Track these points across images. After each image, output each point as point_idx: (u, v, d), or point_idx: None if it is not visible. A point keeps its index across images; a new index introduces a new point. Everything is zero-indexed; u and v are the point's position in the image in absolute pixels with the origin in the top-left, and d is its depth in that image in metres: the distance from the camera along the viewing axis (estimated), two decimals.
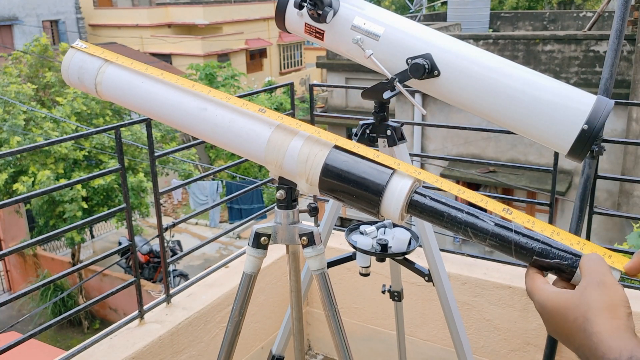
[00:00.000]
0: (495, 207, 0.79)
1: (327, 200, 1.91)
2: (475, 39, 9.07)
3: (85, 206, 9.46)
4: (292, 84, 2.90)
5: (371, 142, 1.59)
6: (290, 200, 1.12)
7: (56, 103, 10.41)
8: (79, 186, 9.25)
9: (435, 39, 1.27)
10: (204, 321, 2.31)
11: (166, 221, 2.25)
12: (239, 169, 14.84)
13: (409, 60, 1.25)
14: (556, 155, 2.19)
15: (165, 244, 4.29)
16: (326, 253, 1.23)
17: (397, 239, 1.66)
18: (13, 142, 9.11)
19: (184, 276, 10.87)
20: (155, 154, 2.18)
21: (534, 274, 0.75)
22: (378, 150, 0.95)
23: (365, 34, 1.27)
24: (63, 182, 2.00)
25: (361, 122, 1.59)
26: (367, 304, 2.79)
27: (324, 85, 8.11)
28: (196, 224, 15.17)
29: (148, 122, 2.07)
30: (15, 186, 9.03)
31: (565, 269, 0.75)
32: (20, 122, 9.27)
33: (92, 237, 14.07)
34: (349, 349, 1.18)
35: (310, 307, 2.98)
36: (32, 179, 9.18)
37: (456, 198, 0.87)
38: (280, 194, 1.10)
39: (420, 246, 1.72)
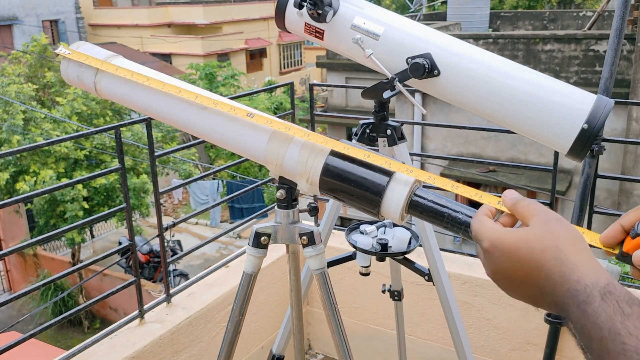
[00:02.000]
0: (491, 200, 0.78)
1: (328, 200, 1.91)
2: (475, 39, 9.07)
3: (87, 206, 9.47)
4: (292, 84, 2.90)
5: (371, 142, 1.59)
6: (290, 199, 1.12)
7: (56, 103, 10.41)
8: (80, 186, 9.26)
9: (435, 38, 1.27)
10: (204, 321, 2.31)
11: (166, 221, 2.26)
12: (239, 169, 14.84)
13: (409, 59, 1.25)
14: (556, 154, 2.19)
15: (166, 244, 4.29)
16: (326, 252, 1.23)
17: (397, 238, 1.66)
18: (14, 141, 9.11)
19: (184, 276, 10.87)
20: (156, 154, 2.18)
21: (482, 217, 0.72)
22: (372, 151, 0.94)
23: (365, 34, 1.27)
24: (64, 181, 2.01)
25: (361, 122, 1.60)
26: (367, 303, 2.79)
27: (324, 85, 8.12)
28: (196, 223, 15.16)
29: (148, 122, 2.07)
30: (18, 185, 9.02)
31: None
32: (19, 122, 9.27)
33: (92, 237, 14.06)
34: (349, 348, 1.18)
35: (311, 307, 2.99)
36: (35, 178, 9.17)
37: (456, 197, 0.87)
38: (281, 193, 1.10)
39: (421, 246, 1.72)
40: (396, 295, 1.99)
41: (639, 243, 0.69)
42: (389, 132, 1.56)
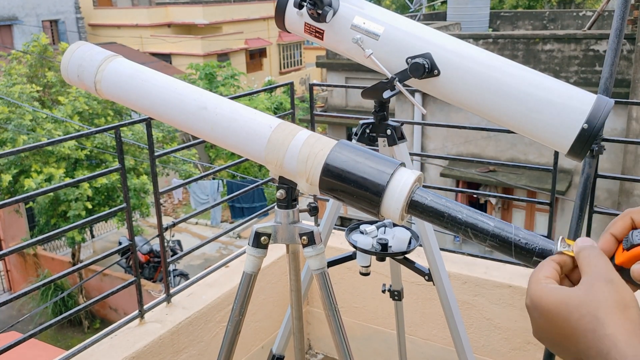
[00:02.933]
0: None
1: (328, 200, 1.91)
2: (475, 38, 9.06)
3: (89, 206, 9.48)
4: (292, 84, 2.90)
5: (371, 142, 1.59)
6: (290, 199, 1.12)
7: (57, 103, 10.42)
8: (86, 186, 9.28)
9: (435, 38, 1.27)
10: (204, 321, 2.31)
11: (166, 221, 2.25)
12: (239, 169, 14.84)
13: (409, 59, 1.25)
14: (556, 154, 2.19)
15: (166, 244, 4.29)
16: (326, 252, 1.23)
17: (397, 238, 1.66)
18: (20, 141, 9.13)
19: (184, 276, 10.87)
20: (156, 154, 2.18)
21: (540, 266, 0.66)
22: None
23: (365, 34, 1.27)
24: (65, 181, 2.01)
25: (361, 122, 1.60)
26: (367, 303, 2.79)
27: (323, 85, 8.11)
28: (196, 223, 15.16)
29: (148, 122, 2.07)
30: (26, 182, 9.02)
31: None
32: (27, 122, 9.32)
33: (93, 236, 14.07)
34: (349, 348, 1.18)
35: (311, 307, 2.99)
36: (43, 177, 9.17)
37: (456, 197, 0.87)
38: (281, 193, 1.10)
39: (421, 245, 1.72)
40: (396, 295, 1.99)
41: (634, 255, 0.63)
42: (389, 132, 1.56)
